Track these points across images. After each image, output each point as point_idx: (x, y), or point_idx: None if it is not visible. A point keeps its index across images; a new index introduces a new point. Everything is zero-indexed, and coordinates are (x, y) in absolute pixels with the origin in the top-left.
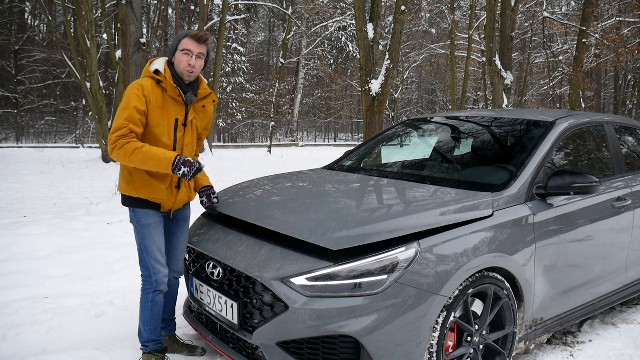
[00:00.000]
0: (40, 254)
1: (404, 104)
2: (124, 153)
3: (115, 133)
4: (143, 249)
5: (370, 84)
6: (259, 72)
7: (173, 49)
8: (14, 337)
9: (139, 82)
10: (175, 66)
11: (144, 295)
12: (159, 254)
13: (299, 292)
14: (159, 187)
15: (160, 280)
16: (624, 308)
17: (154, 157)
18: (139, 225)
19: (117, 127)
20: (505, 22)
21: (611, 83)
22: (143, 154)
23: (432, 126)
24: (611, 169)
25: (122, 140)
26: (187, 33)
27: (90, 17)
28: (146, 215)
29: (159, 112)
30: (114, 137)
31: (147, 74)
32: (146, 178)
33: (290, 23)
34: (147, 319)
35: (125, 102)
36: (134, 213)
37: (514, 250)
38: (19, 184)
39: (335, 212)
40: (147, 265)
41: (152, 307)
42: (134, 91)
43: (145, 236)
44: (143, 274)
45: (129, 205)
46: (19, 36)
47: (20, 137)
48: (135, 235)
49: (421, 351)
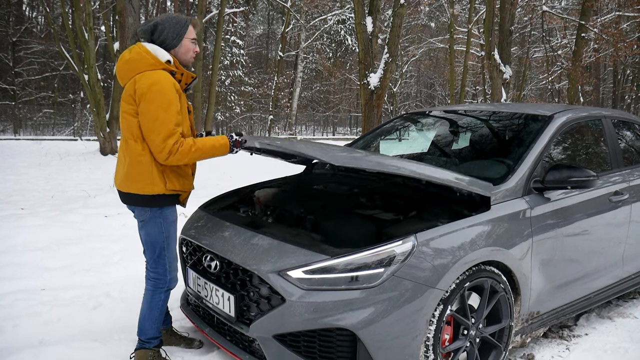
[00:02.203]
0: (38, 246)
1: (403, 97)
2: (181, 156)
3: (168, 140)
4: (166, 246)
5: (368, 78)
6: (257, 65)
7: (179, 36)
8: (11, 328)
9: (168, 79)
10: (182, 54)
11: (156, 294)
12: (176, 252)
13: (296, 285)
14: (188, 177)
15: (174, 278)
16: (620, 302)
17: (212, 148)
18: (166, 222)
19: (169, 134)
20: (505, 16)
21: (610, 77)
22: (200, 150)
23: (431, 120)
24: (608, 163)
25: (175, 146)
26: (189, 19)
27: (88, 9)
28: (172, 211)
29: (181, 103)
30: (169, 145)
31: (159, 65)
32: (179, 170)
33: (289, 16)
34: (156, 318)
35: (165, 105)
36: (161, 210)
37: (510, 244)
38: (17, 176)
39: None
40: (164, 264)
41: (162, 306)
42: (170, 91)
43: (171, 233)
44: (157, 272)
45: (159, 204)
46: (16, 28)
47: (17, 129)
48: (156, 234)
49: (417, 344)
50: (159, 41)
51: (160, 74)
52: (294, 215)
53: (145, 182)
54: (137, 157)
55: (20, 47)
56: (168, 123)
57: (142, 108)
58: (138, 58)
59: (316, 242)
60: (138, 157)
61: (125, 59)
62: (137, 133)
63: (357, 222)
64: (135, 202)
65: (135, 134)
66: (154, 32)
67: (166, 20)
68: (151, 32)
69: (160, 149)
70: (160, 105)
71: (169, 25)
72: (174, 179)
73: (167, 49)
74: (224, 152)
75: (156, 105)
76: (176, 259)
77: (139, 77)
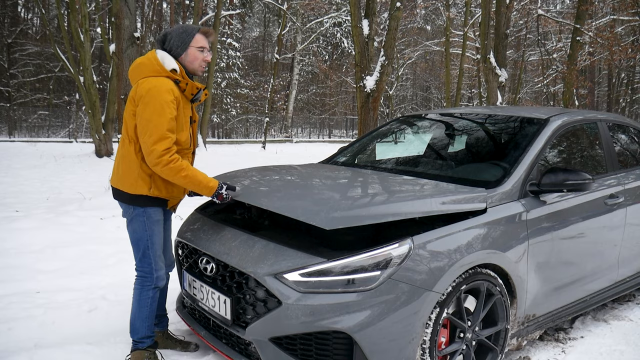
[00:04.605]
0: (32, 248)
1: (399, 100)
2: (170, 172)
3: (158, 144)
4: (149, 245)
5: (364, 80)
6: (253, 68)
7: (184, 45)
8: (6, 331)
9: (167, 86)
10: (188, 62)
11: (144, 292)
12: (161, 251)
13: (292, 287)
14: (178, 186)
15: (161, 276)
16: (616, 305)
17: (198, 184)
18: (149, 221)
19: (160, 138)
20: (500, 19)
21: (605, 81)
22: (189, 178)
23: (426, 123)
24: (604, 166)
25: (166, 157)
26: (197, 28)
27: (84, 11)
28: (157, 211)
29: (180, 112)
30: (159, 151)
31: (163, 72)
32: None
33: (285, 18)
34: (146, 316)
35: (159, 108)
36: (144, 210)
37: (507, 247)
38: (12, 178)
39: (329, 197)
40: (149, 262)
41: (152, 304)
42: (166, 97)
43: (155, 232)
44: (143, 270)
45: (142, 204)
46: (11, 29)
47: (12, 131)
48: (140, 232)
49: (414, 347)
50: (168, 50)
51: (160, 81)
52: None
53: (130, 181)
54: (128, 156)
55: (15, 49)
56: (160, 127)
57: (139, 110)
58: (147, 63)
59: (313, 244)
60: (129, 157)
61: (137, 63)
62: (132, 134)
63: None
64: (121, 198)
65: (131, 135)
66: (165, 41)
67: (174, 30)
68: (162, 41)
69: (149, 152)
70: (155, 109)
71: (175, 34)
72: (160, 185)
73: (174, 57)
74: (206, 194)
75: (151, 108)
76: (161, 258)
77: (142, 81)
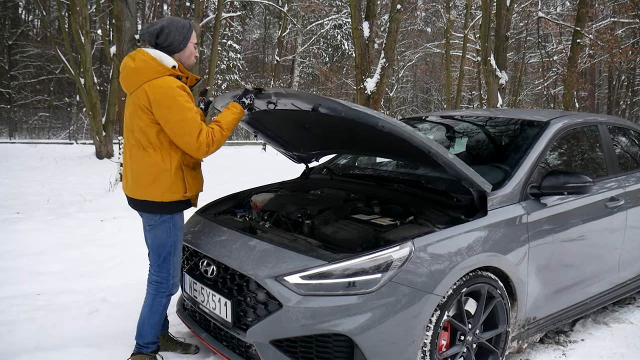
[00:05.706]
0: (33, 251)
1: (399, 102)
2: (219, 143)
3: (201, 137)
4: (172, 251)
5: (365, 82)
6: (254, 70)
7: (185, 40)
8: (6, 333)
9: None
10: (185, 58)
11: (157, 299)
12: (180, 258)
13: (293, 290)
14: (201, 177)
15: (176, 283)
16: (616, 307)
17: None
18: (175, 228)
19: (199, 130)
20: (501, 21)
21: (605, 83)
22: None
23: (427, 125)
24: (604, 169)
25: (209, 139)
26: (192, 24)
27: (85, 13)
28: (182, 217)
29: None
30: (203, 140)
31: (166, 72)
32: (193, 173)
33: (285, 20)
34: (156, 322)
35: (184, 106)
36: (172, 216)
37: (507, 250)
38: (12, 180)
39: None
40: (168, 268)
41: (163, 311)
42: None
43: (179, 238)
44: (160, 276)
45: (171, 211)
46: (12, 31)
47: (13, 132)
48: (163, 238)
49: (414, 350)
50: (164, 45)
51: (169, 80)
52: (291, 220)
53: (162, 190)
54: (155, 165)
55: (16, 51)
56: (194, 121)
57: (165, 115)
58: (145, 66)
59: (313, 247)
60: (156, 166)
61: (131, 67)
62: (155, 142)
63: (355, 228)
64: (148, 208)
65: (155, 143)
66: (160, 35)
67: (172, 24)
68: (157, 35)
69: (197, 147)
70: (182, 107)
71: (175, 28)
72: (192, 185)
73: (171, 53)
74: (242, 118)
75: (178, 109)
76: (179, 265)
77: (148, 86)
